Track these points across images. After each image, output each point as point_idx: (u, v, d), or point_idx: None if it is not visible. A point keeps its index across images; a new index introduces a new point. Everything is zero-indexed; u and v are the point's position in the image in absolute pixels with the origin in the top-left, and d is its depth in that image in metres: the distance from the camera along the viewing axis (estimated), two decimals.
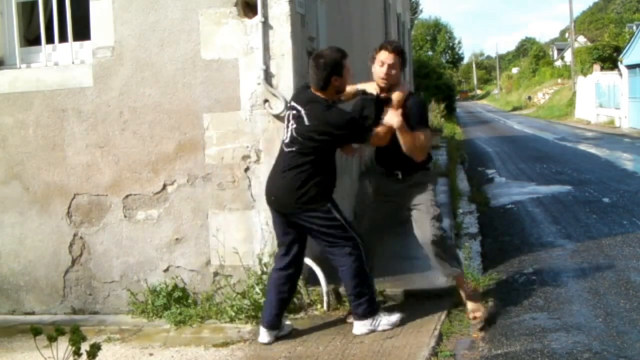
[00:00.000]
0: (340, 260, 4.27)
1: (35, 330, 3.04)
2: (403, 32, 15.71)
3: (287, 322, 4.51)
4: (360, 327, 4.31)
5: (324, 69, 4.10)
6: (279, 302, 4.33)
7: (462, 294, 4.68)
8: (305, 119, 4.12)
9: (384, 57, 4.25)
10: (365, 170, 8.42)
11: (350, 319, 4.47)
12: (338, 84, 4.18)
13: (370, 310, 4.32)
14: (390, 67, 4.23)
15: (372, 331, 4.32)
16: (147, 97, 5.04)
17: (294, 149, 4.17)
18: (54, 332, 2.93)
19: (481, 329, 4.45)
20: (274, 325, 4.33)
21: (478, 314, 4.58)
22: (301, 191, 4.13)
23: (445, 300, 4.97)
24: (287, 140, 4.22)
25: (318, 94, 4.18)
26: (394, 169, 4.45)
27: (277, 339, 4.33)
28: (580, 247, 6.72)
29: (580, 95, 35.12)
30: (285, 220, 4.28)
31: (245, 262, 4.92)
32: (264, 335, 4.31)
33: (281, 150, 4.31)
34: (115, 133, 5.09)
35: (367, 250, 4.35)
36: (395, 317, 4.41)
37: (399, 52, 4.26)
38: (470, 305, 4.62)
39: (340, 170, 6.95)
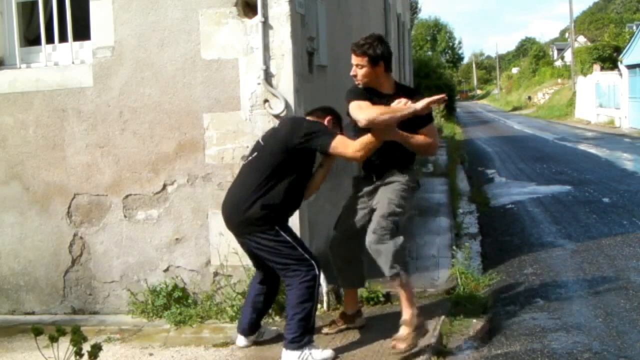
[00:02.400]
0: (291, 281, 3.96)
1: (36, 330, 3.04)
2: (403, 32, 15.70)
3: (273, 328, 4.47)
4: (288, 358, 3.88)
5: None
6: (252, 311, 4.25)
7: (402, 306, 4.02)
8: (276, 126, 4.22)
9: (352, 59, 4.26)
10: None
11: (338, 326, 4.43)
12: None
13: (301, 339, 3.87)
14: (356, 67, 4.19)
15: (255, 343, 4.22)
16: (147, 97, 5.04)
17: (250, 157, 4.08)
18: (55, 332, 2.93)
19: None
20: (247, 331, 4.26)
21: (401, 345, 3.85)
22: (247, 209, 3.89)
23: (445, 300, 4.97)
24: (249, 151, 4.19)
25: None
26: (371, 171, 4.27)
27: (256, 343, 4.28)
28: (580, 247, 6.73)
29: (580, 95, 35.13)
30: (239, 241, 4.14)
31: (245, 262, 4.90)
32: (240, 339, 4.29)
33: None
34: (115, 133, 5.09)
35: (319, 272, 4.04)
36: (328, 352, 3.95)
37: (362, 52, 4.12)
38: (403, 329, 3.92)
39: (340, 171, 6.96)
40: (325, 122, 4.18)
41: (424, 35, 68.18)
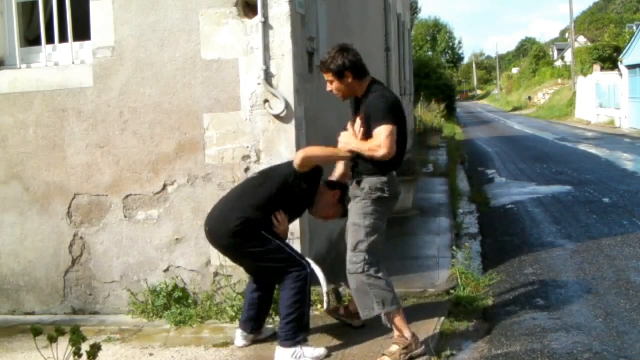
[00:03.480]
0: (283, 286, 4.00)
1: (35, 330, 3.04)
2: (403, 32, 15.70)
3: (269, 326, 4.47)
4: (281, 355, 3.95)
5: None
6: (249, 307, 4.28)
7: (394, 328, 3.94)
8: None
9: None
10: None
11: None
12: None
13: (294, 337, 3.93)
14: (329, 83, 4.14)
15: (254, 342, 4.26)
16: (147, 97, 5.04)
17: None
18: (54, 332, 2.93)
19: None
20: (244, 327, 4.29)
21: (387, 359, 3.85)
22: (232, 221, 3.95)
23: (445, 300, 4.97)
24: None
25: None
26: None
27: (254, 342, 4.30)
28: (580, 247, 6.73)
29: (580, 95, 35.14)
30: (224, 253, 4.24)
31: None
32: (238, 338, 4.30)
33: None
34: (115, 133, 5.09)
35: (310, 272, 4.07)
36: (320, 350, 4.01)
37: (326, 69, 4.02)
38: (393, 346, 3.90)
39: None
40: (332, 196, 4.22)
41: (424, 35, 68.17)
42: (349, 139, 3.97)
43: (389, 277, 3.97)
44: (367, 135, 3.89)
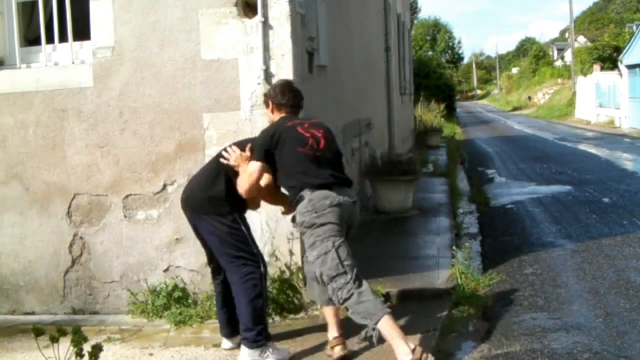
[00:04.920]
0: (234, 275, 3.97)
1: (37, 330, 3.04)
2: (403, 32, 15.70)
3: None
4: (246, 356, 3.92)
5: None
6: (222, 317, 4.26)
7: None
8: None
9: None
10: (365, 170, 8.42)
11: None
12: None
13: (260, 339, 3.91)
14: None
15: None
16: (147, 97, 5.04)
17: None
18: (55, 333, 2.94)
19: None
20: (227, 332, 4.26)
21: None
22: (212, 189, 4.02)
23: (445, 300, 4.97)
24: None
25: None
26: None
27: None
28: (580, 247, 6.73)
29: (580, 95, 35.14)
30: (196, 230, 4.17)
31: None
32: (224, 342, 4.29)
33: None
34: (115, 133, 5.09)
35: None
36: (284, 352, 4.04)
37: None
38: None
39: None
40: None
41: (424, 35, 68.14)
42: (237, 161, 3.99)
43: (366, 290, 3.76)
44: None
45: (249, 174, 3.88)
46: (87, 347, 2.99)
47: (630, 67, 26.32)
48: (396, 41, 13.64)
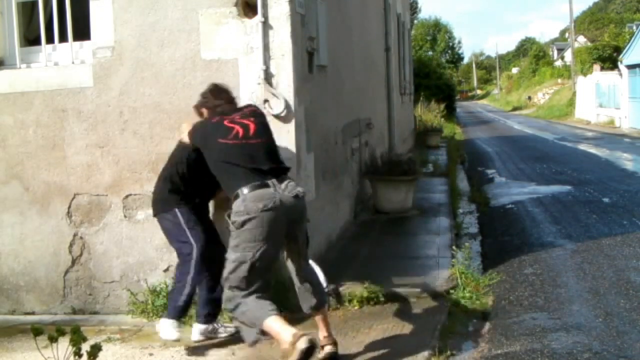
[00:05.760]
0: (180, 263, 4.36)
1: (36, 330, 3.04)
2: (403, 32, 15.69)
3: (230, 327, 4.43)
4: (162, 323, 4.31)
5: None
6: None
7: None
8: None
9: None
10: (365, 170, 8.42)
11: None
12: None
13: (173, 313, 4.27)
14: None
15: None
16: (147, 97, 5.03)
17: None
18: (54, 333, 2.94)
19: None
20: (199, 318, 4.47)
21: None
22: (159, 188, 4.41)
23: (445, 300, 4.97)
24: None
25: None
26: None
27: (210, 339, 4.44)
28: (580, 247, 6.73)
29: (580, 95, 35.15)
30: None
31: None
32: (194, 331, 4.45)
33: None
34: (115, 133, 5.09)
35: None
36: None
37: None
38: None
39: (340, 171, 6.96)
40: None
41: (424, 35, 68.15)
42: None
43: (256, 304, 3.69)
44: None
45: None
46: (86, 347, 2.99)
47: (630, 67, 26.32)
48: (396, 41, 13.64)
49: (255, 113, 4.09)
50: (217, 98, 4.21)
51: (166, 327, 4.24)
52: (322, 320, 4.00)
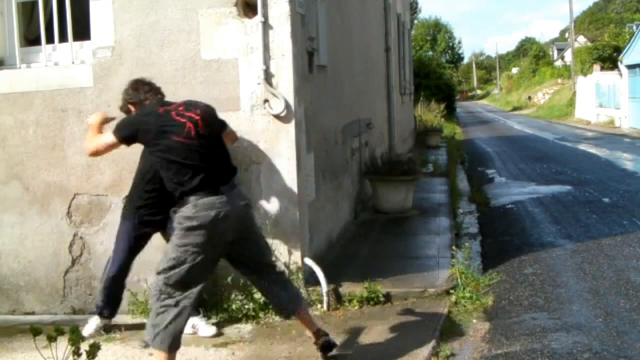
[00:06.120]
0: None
1: (35, 330, 3.04)
2: (403, 32, 15.69)
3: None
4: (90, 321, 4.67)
5: None
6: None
7: None
8: None
9: None
10: (365, 170, 8.42)
11: None
12: None
13: (99, 310, 4.66)
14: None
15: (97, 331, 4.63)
16: None
17: None
18: (53, 332, 2.94)
19: None
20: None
21: None
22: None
23: (445, 300, 4.97)
24: None
25: None
26: None
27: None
28: (580, 247, 6.73)
29: (580, 95, 35.14)
30: None
31: None
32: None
33: None
34: None
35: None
36: (92, 326, 4.65)
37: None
38: None
39: (340, 170, 6.96)
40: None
41: (424, 35, 68.17)
42: (93, 121, 4.08)
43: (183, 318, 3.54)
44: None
45: (101, 142, 3.84)
46: (85, 347, 2.99)
47: (630, 67, 26.32)
48: (396, 41, 13.64)
49: (199, 104, 3.78)
50: (142, 92, 4.01)
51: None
52: (305, 320, 3.98)
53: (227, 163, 3.74)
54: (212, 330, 4.55)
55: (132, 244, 4.50)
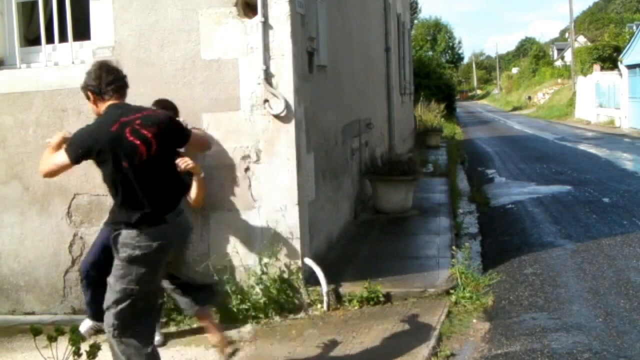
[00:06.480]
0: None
1: (35, 330, 3.04)
2: (403, 32, 15.69)
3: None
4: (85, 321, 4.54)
5: None
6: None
7: None
8: None
9: None
10: (365, 170, 8.42)
11: None
12: None
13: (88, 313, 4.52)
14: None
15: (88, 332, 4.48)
16: (146, 97, 5.01)
17: None
18: (53, 332, 2.94)
19: None
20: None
21: None
22: None
23: (445, 300, 4.97)
24: None
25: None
26: None
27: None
28: (580, 247, 6.72)
29: (580, 95, 35.14)
30: None
31: (245, 262, 4.92)
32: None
33: None
34: None
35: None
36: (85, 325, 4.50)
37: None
38: None
39: (340, 171, 6.96)
40: None
41: (424, 35, 68.15)
42: (53, 142, 3.62)
43: (148, 345, 3.41)
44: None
45: (53, 163, 3.43)
46: (85, 347, 2.99)
47: (630, 67, 26.31)
48: (396, 41, 13.64)
49: (157, 119, 3.41)
50: (103, 83, 3.48)
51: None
52: (210, 324, 4.07)
53: (176, 187, 3.48)
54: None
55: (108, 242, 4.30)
